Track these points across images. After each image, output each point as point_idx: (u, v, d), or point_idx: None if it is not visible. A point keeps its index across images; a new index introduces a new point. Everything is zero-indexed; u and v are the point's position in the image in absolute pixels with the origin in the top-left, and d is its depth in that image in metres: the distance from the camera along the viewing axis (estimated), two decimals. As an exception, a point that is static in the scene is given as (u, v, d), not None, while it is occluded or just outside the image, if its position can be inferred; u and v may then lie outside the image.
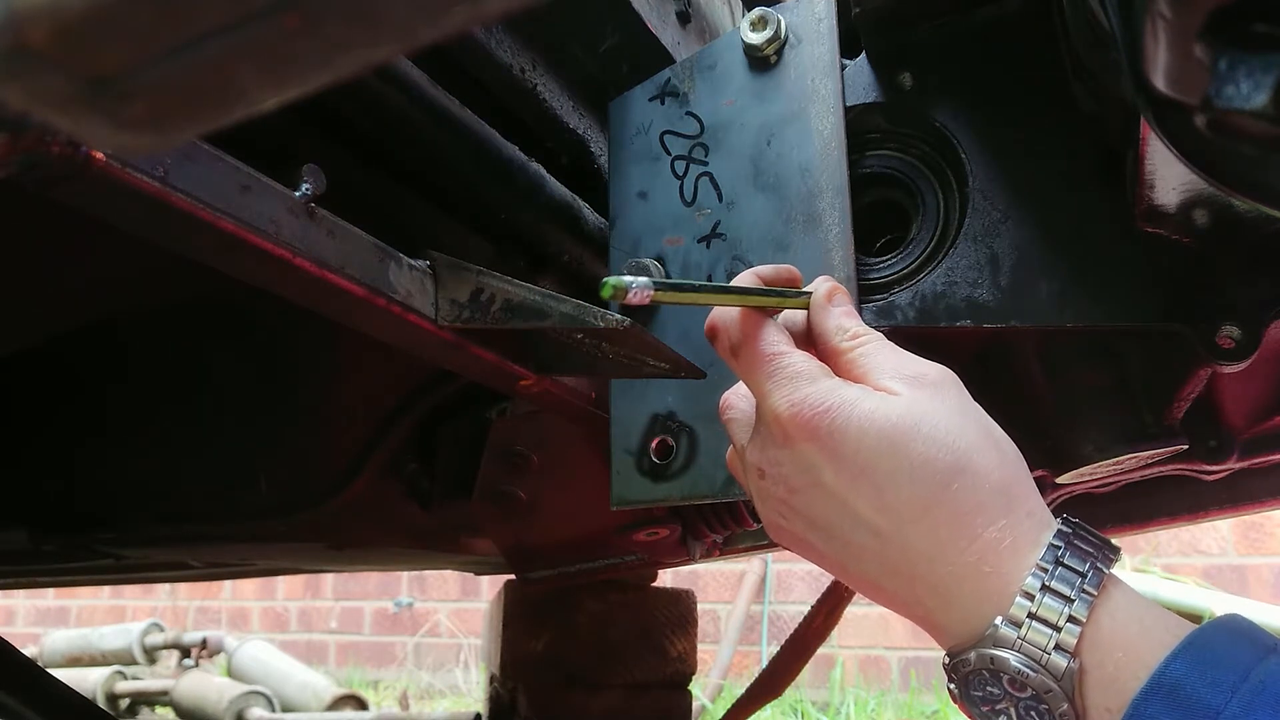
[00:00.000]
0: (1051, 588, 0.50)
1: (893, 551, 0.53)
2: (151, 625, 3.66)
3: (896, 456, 0.52)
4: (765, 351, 0.56)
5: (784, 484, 0.57)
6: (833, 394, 0.54)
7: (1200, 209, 0.59)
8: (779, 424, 0.55)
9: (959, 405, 0.55)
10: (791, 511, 0.57)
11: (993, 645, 0.50)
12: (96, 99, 0.22)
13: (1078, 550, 0.51)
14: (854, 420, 0.53)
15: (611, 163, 0.76)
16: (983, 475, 0.52)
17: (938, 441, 0.53)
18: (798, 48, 0.71)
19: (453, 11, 0.21)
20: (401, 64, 0.62)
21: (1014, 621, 0.50)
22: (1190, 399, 0.70)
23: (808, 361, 0.56)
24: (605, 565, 1.11)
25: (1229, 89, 0.38)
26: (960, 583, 0.52)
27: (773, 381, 0.56)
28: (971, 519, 0.52)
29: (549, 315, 0.61)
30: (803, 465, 0.55)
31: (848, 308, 0.60)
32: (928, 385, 0.55)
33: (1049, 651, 0.49)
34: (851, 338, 0.58)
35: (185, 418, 1.09)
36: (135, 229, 0.45)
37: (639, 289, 0.51)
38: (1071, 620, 0.49)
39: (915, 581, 0.54)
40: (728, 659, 3.49)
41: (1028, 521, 0.52)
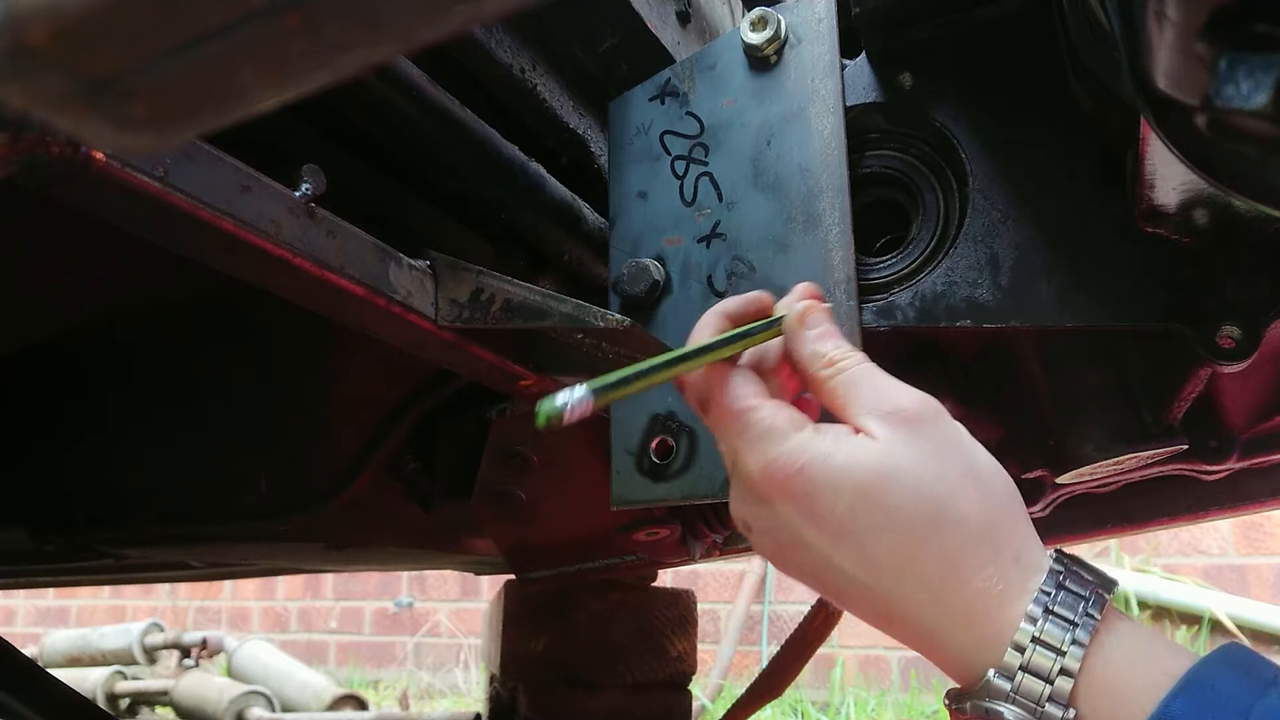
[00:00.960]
0: (1042, 640, 0.49)
1: (881, 601, 0.53)
2: (151, 625, 3.66)
3: (874, 509, 0.51)
4: (732, 408, 0.55)
5: (770, 537, 0.56)
6: (804, 451, 0.53)
7: (1200, 209, 0.59)
8: (754, 484, 0.54)
9: (938, 444, 0.53)
10: (783, 559, 0.57)
11: (987, 697, 0.50)
12: (96, 99, 0.22)
13: (1069, 593, 0.50)
14: (829, 477, 0.52)
15: (611, 163, 0.76)
16: (965, 522, 0.51)
17: (915, 490, 0.51)
18: (798, 48, 0.71)
19: (453, 11, 0.21)
20: (401, 64, 0.62)
21: (1006, 674, 0.49)
22: (1190, 399, 0.70)
23: (779, 415, 0.54)
24: (605, 565, 1.11)
25: (1229, 89, 0.38)
26: (951, 632, 0.52)
27: (743, 440, 0.54)
28: (955, 569, 0.51)
29: (549, 315, 0.61)
30: (782, 523, 0.54)
31: (823, 328, 0.57)
32: (906, 424, 0.53)
33: (1043, 704, 0.48)
34: (828, 365, 0.56)
35: (185, 418, 1.09)
36: (135, 229, 0.45)
37: (576, 404, 0.46)
38: (1063, 673, 0.49)
39: (907, 626, 0.53)
40: (728, 659, 3.49)
41: (1014, 567, 0.51)
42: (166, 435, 1.10)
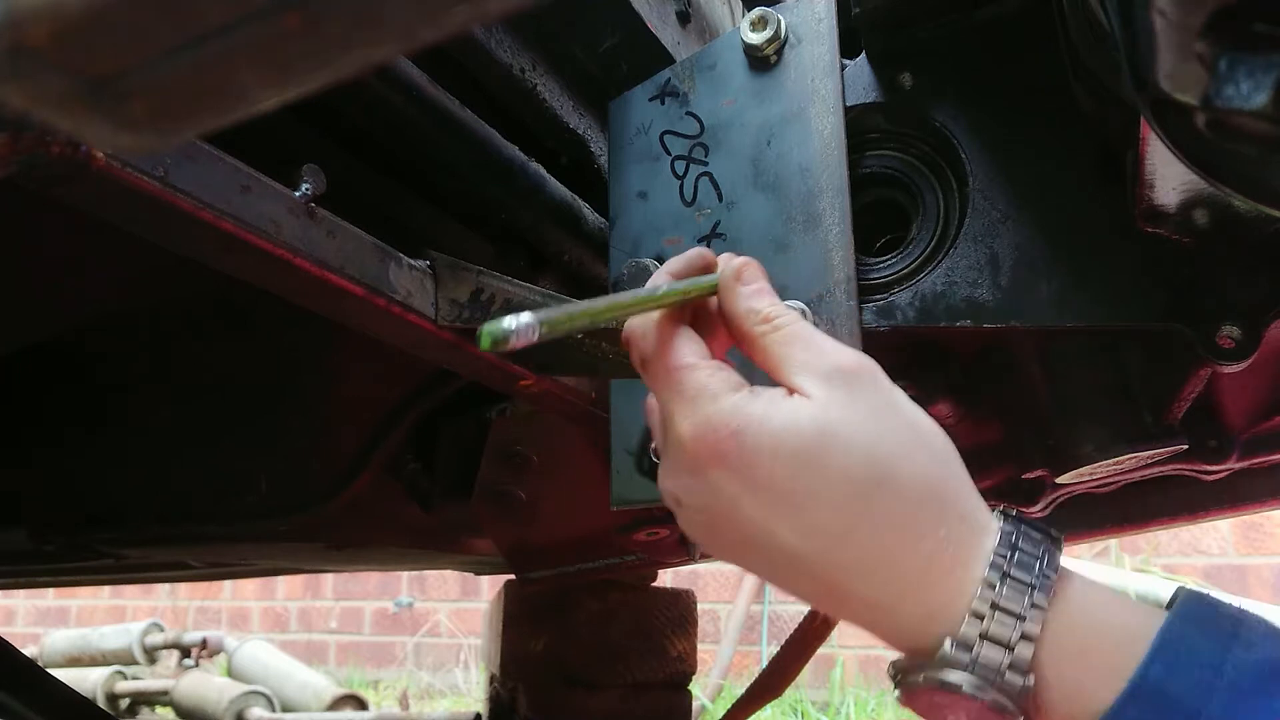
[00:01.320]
0: (1002, 606, 0.47)
1: (823, 574, 0.50)
2: (151, 625, 3.66)
3: (813, 473, 0.49)
4: (670, 365, 0.52)
5: (703, 513, 0.52)
6: (738, 413, 0.50)
7: (1200, 209, 0.59)
8: (685, 449, 0.51)
9: (877, 404, 0.51)
10: (716, 536, 0.53)
11: (943, 668, 0.48)
12: (96, 99, 0.22)
13: (1023, 553, 0.49)
14: (764, 441, 0.49)
15: (611, 163, 0.76)
16: (909, 483, 0.49)
17: (855, 451, 0.49)
18: (798, 48, 0.71)
19: (453, 11, 0.21)
20: (401, 64, 0.62)
21: (965, 644, 0.47)
22: (1190, 399, 0.70)
23: (713, 377, 0.51)
24: (605, 565, 1.11)
25: (1229, 89, 0.38)
26: (900, 601, 0.49)
27: (676, 400, 0.52)
28: (902, 533, 0.49)
29: (549, 315, 0.61)
30: (717, 494, 0.51)
31: (758, 285, 0.55)
32: (843, 383, 0.51)
33: (1003, 672, 0.47)
34: (763, 321, 0.53)
35: (186, 417, 1.09)
36: (136, 229, 0.45)
37: (522, 330, 0.45)
38: (1024, 638, 0.47)
39: (851, 599, 0.50)
40: (728, 659, 3.49)
41: (963, 527, 0.49)
42: (166, 435, 1.10)
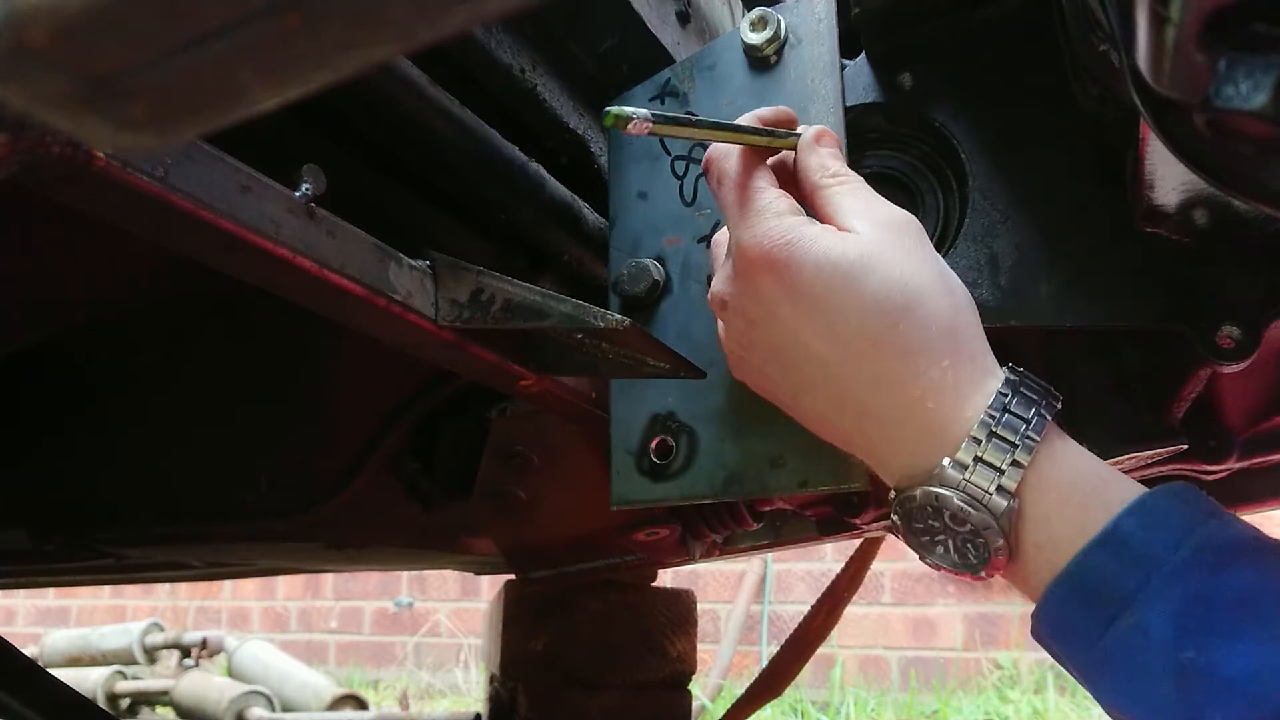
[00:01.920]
0: (998, 434, 0.53)
1: (840, 384, 0.56)
2: (151, 625, 3.66)
3: (849, 291, 0.54)
4: (744, 183, 0.59)
5: (743, 315, 0.59)
6: (794, 230, 0.56)
7: (1200, 209, 0.59)
8: (742, 256, 0.57)
9: (915, 249, 0.56)
10: (750, 343, 0.59)
11: (939, 484, 0.53)
12: (96, 99, 0.22)
13: (1024, 398, 0.54)
14: (811, 255, 0.55)
15: (611, 163, 0.76)
16: (932, 316, 0.54)
17: (891, 280, 0.54)
18: (798, 48, 0.71)
19: (453, 12, 0.21)
20: (401, 64, 0.62)
21: (960, 464, 0.53)
22: (1190, 399, 0.70)
23: (780, 200, 0.58)
24: (605, 565, 1.10)
25: (1229, 89, 0.38)
26: (905, 418, 0.54)
27: (743, 213, 0.58)
28: (917, 356, 0.54)
29: (549, 315, 0.61)
30: (760, 297, 0.57)
31: (834, 149, 0.61)
32: (890, 227, 0.57)
33: (990, 492, 0.52)
34: (831, 175, 0.60)
35: (186, 417, 1.09)
36: (136, 229, 0.45)
37: (640, 119, 0.54)
38: (1014, 464, 0.52)
39: (862, 415, 0.56)
40: (728, 659, 3.49)
41: (970, 365, 0.55)
42: (166, 435, 1.10)
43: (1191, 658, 0.46)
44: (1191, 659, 0.46)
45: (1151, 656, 0.48)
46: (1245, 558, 0.49)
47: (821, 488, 0.65)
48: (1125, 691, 0.49)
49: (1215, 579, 0.48)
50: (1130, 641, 0.49)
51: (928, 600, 3.52)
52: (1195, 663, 0.46)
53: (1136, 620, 0.48)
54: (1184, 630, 0.47)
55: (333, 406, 1.04)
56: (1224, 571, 0.48)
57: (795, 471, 0.65)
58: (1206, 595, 0.47)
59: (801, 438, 0.66)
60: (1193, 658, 0.46)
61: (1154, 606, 0.48)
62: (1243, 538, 0.50)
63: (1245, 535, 0.50)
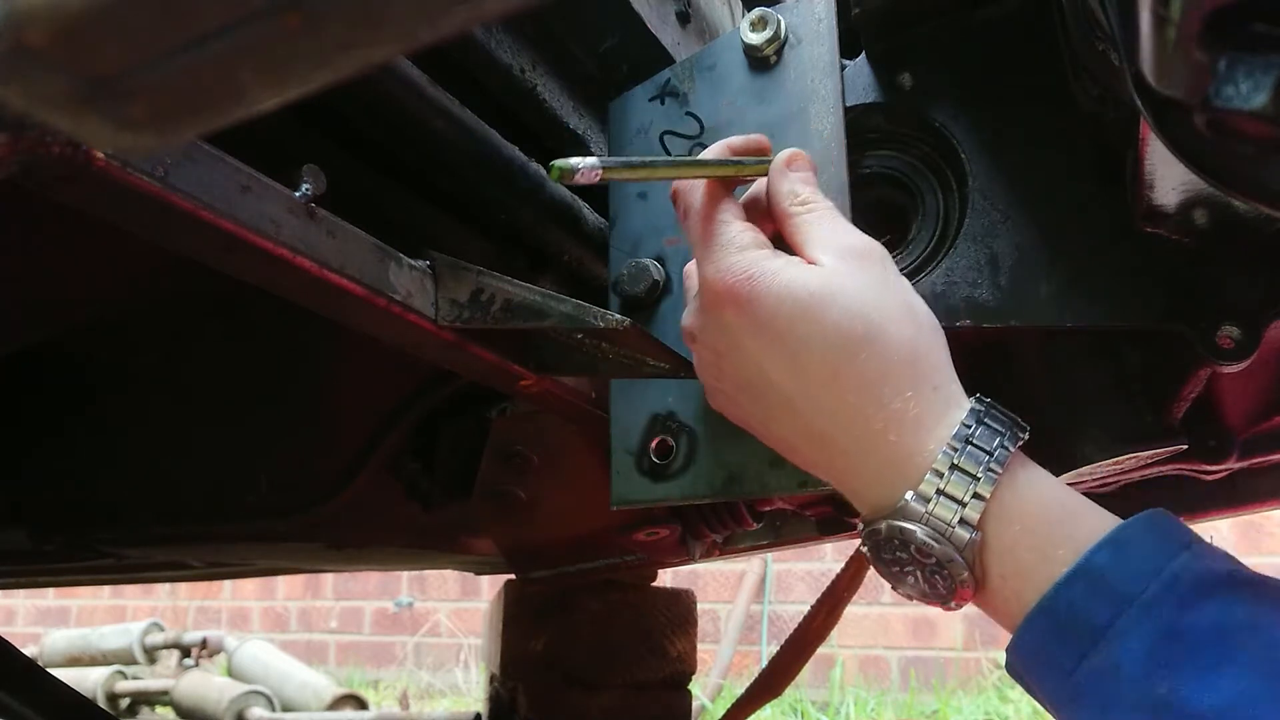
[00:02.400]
0: (959, 466, 0.52)
1: (805, 417, 0.56)
2: (151, 625, 3.66)
3: (810, 323, 0.55)
4: (707, 214, 0.59)
5: (710, 348, 0.60)
6: (756, 264, 0.56)
7: (1200, 209, 0.59)
8: (707, 290, 0.58)
9: (881, 277, 0.57)
10: (719, 374, 0.60)
11: (903, 518, 0.53)
12: (96, 99, 0.22)
13: (987, 429, 0.53)
14: (773, 289, 0.55)
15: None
16: (894, 347, 0.54)
17: (851, 311, 0.54)
18: (798, 48, 0.71)
19: (453, 12, 0.21)
20: (401, 64, 0.62)
21: (923, 497, 0.53)
22: (1190, 399, 0.70)
23: (743, 233, 0.58)
24: (605, 565, 1.11)
25: (1229, 89, 0.38)
26: (868, 451, 0.55)
27: (707, 248, 0.59)
28: (879, 388, 0.54)
29: (549, 315, 0.61)
30: (725, 330, 0.57)
31: (805, 174, 0.61)
32: (853, 257, 0.57)
33: (953, 525, 0.52)
34: (800, 203, 0.60)
35: (186, 417, 1.09)
36: (136, 229, 0.45)
37: (587, 169, 0.52)
38: (976, 496, 0.52)
39: (827, 447, 0.56)
40: (728, 659, 3.49)
41: (933, 396, 0.54)
42: (166, 435, 1.10)
43: (1163, 694, 0.46)
44: (1163, 695, 0.46)
45: (1123, 692, 0.48)
46: (1218, 592, 0.48)
47: (821, 488, 0.65)
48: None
49: (1187, 613, 0.48)
50: (1102, 676, 0.48)
51: (928, 600, 3.51)
52: (1166, 699, 0.46)
53: (1108, 655, 0.48)
54: (1155, 665, 0.47)
55: (333, 406, 1.04)
56: (1196, 606, 0.48)
57: (795, 471, 0.65)
58: (1178, 630, 0.47)
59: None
60: (1164, 694, 0.46)
61: (1125, 642, 0.48)
62: (1215, 571, 0.49)
63: (1218, 569, 0.49)
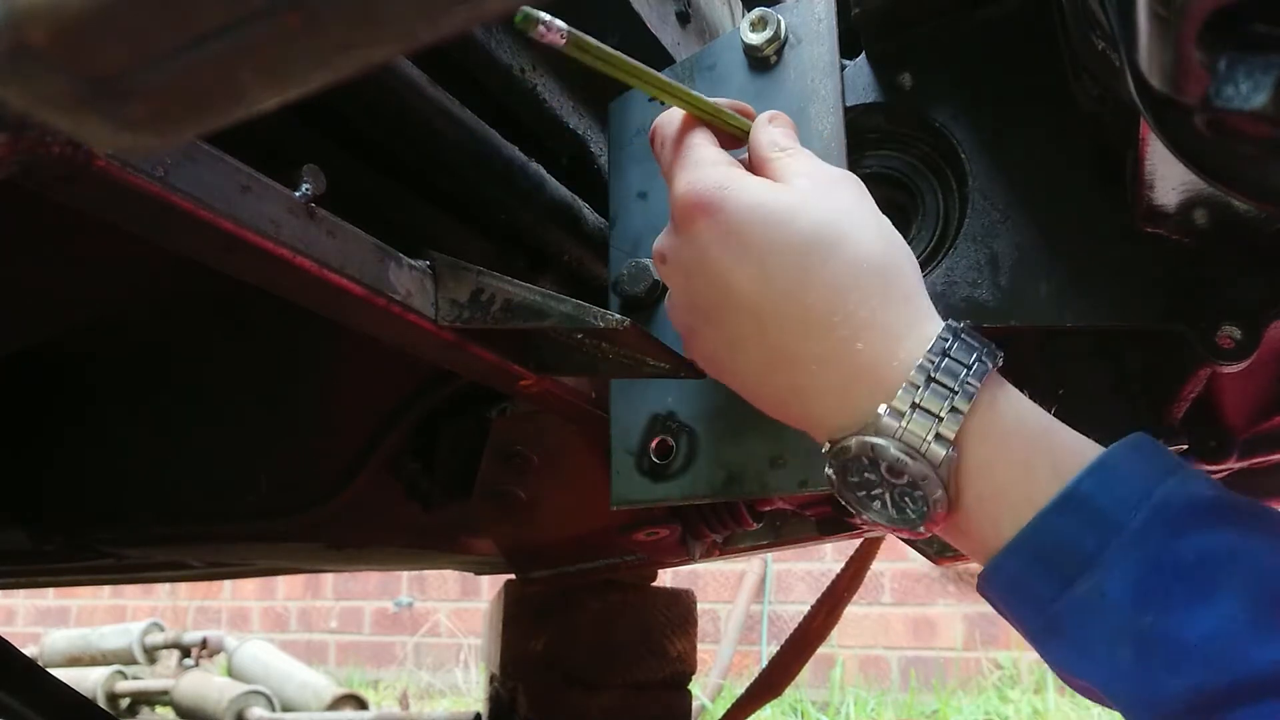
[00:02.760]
0: (936, 379, 0.51)
1: (771, 334, 0.54)
2: (151, 625, 3.66)
3: (780, 228, 0.53)
4: (684, 141, 0.59)
5: (681, 268, 0.58)
6: (728, 176, 0.56)
7: (1200, 209, 0.59)
8: (678, 206, 0.57)
9: (855, 196, 0.56)
10: (689, 302, 0.58)
11: (874, 434, 0.51)
12: (96, 99, 0.22)
13: (964, 344, 0.52)
14: (744, 198, 0.55)
15: (611, 163, 0.76)
16: (862, 254, 0.53)
17: (822, 220, 0.54)
18: (798, 48, 0.71)
19: (453, 11, 0.21)
20: (401, 64, 0.62)
21: (896, 411, 0.51)
22: (1190, 399, 0.70)
23: (716, 151, 0.58)
24: (605, 565, 1.11)
25: (1229, 89, 0.38)
26: (835, 361, 0.53)
27: (680, 167, 0.58)
28: (845, 294, 0.52)
29: (549, 315, 0.61)
30: (694, 243, 0.56)
31: (787, 130, 0.61)
32: (829, 180, 0.57)
33: (929, 440, 0.50)
34: (780, 150, 0.59)
35: (185, 417, 1.09)
36: (135, 229, 0.45)
37: (554, 26, 0.50)
38: (953, 410, 0.50)
39: (792, 365, 0.54)
40: (728, 659, 3.49)
41: (904, 305, 0.53)
42: (166, 435, 1.10)
43: (1150, 623, 0.46)
44: (1150, 624, 0.46)
45: (1109, 621, 0.47)
46: (1205, 518, 0.48)
47: (821, 488, 0.65)
48: (1079, 655, 0.49)
49: (1174, 542, 0.47)
50: (1086, 606, 0.48)
51: (928, 600, 3.52)
52: (1154, 628, 0.46)
53: (1094, 584, 0.48)
54: (1142, 595, 0.47)
55: (333, 406, 1.04)
56: (1183, 534, 0.47)
57: (795, 471, 0.65)
58: (1166, 559, 0.47)
59: (801, 438, 0.66)
60: (1151, 623, 0.46)
61: (1113, 571, 0.47)
62: (1203, 497, 0.49)
63: (1204, 493, 0.49)
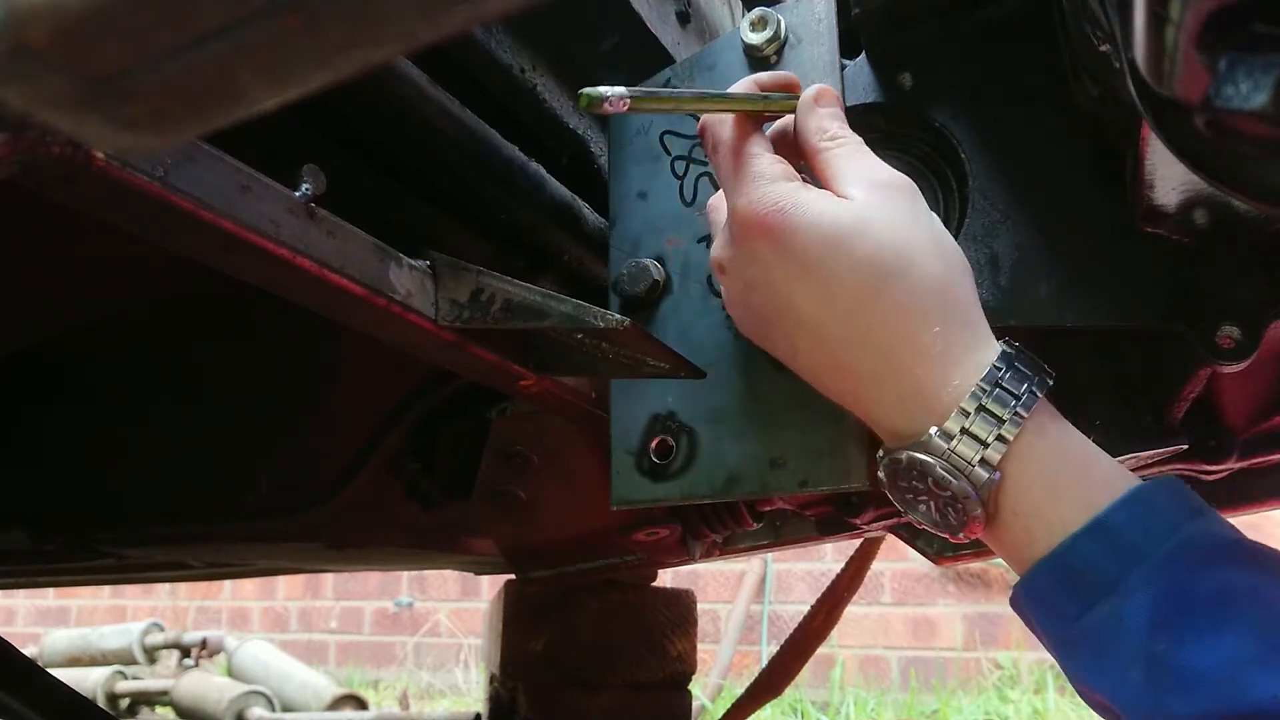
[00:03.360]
0: (986, 407, 0.53)
1: (832, 346, 0.56)
2: (151, 625, 3.66)
3: (841, 254, 0.55)
4: (739, 150, 0.60)
5: (740, 279, 0.59)
6: (788, 196, 0.56)
7: (1200, 209, 0.59)
8: (738, 221, 0.58)
9: (911, 211, 0.57)
10: (749, 307, 0.60)
11: (924, 451, 0.54)
12: (96, 99, 0.22)
13: (1017, 372, 0.54)
14: (805, 220, 0.55)
15: (611, 163, 0.76)
16: (923, 279, 0.55)
17: (883, 243, 0.55)
18: (798, 48, 0.71)
19: (453, 11, 0.21)
20: (401, 64, 0.62)
21: (947, 434, 0.53)
22: (1190, 399, 0.70)
23: (774, 165, 0.59)
24: (605, 565, 1.11)
25: (1229, 89, 0.38)
26: (894, 381, 0.55)
27: (737, 180, 0.59)
28: (907, 319, 0.54)
29: (549, 315, 0.61)
30: (756, 261, 0.57)
31: (834, 110, 0.62)
32: (883, 191, 0.57)
33: (974, 464, 0.53)
34: (829, 138, 0.60)
35: (185, 417, 1.09)
36: (135, 229, 0.45)
37: (615, 98, 0.53)
38: (1000, 439, 0.53)
39: (852, 375, 0.57)
40: (728, 659, 3.49)
41: (962, 332, 0.55)
42: (166, 435, 1.10)
43: (1163, 649, 0.48)
44: (1163, 650, 0.48)
45: (1125, 643, 0.49)
46: (1225, 558, 0.50)
47: (821, 488, 0.65)
48: (1094, 671, 0.51)
49: (1194, 576, 0.49)
50: (1104, 627, 0.50)
51: (928, 600, 3.52)
52: (1165, 654, 0.48)
53: (1114, 608, 0.50)
54: (1158, 622, 0.49)
55: (333, 406, 1.04)
56: (1204, 570, 0.50)
57: (795, 471, 0.65)
58: (1184, 591, 0.49)
59: (802, 438, 0.66)
60: (1164, 649, 0.48)
61: (1133, 597, 0.49)
62: (1225, 539, 0.51)
63: (1228, 536, 0.51)
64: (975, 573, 3.44)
